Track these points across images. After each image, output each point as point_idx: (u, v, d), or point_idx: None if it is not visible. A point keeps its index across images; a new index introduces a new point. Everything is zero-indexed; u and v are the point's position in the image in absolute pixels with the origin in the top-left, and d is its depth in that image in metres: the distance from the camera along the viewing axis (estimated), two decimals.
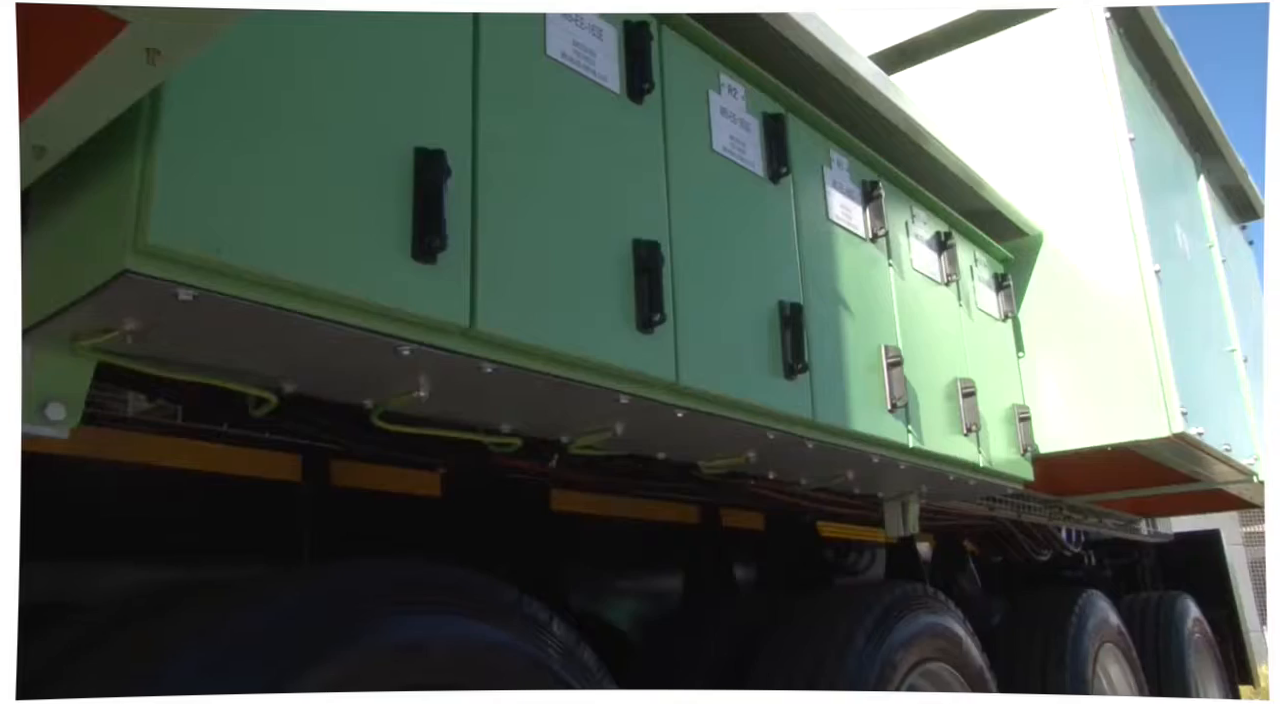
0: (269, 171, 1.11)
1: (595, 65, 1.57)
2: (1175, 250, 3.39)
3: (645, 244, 1.55)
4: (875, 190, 2.29)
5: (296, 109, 1.15)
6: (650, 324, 1.51)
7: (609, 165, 1.56)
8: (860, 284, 2.17)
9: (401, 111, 1.25)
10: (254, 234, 1.09)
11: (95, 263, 1.05)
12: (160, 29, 0.84)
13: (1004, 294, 2.96)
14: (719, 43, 1.87)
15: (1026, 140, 3.24)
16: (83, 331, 1.14)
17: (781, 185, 1.96)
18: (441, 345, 1.26)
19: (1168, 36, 3.55)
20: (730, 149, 1.84)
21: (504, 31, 1.43)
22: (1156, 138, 3.57)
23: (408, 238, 1.21)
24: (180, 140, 1.04)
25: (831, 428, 1.97)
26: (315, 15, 1.18)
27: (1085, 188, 3.11)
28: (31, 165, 1.04)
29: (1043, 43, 3.28)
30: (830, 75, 2.17)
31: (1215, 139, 4.18)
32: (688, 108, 1.77)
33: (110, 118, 0.98)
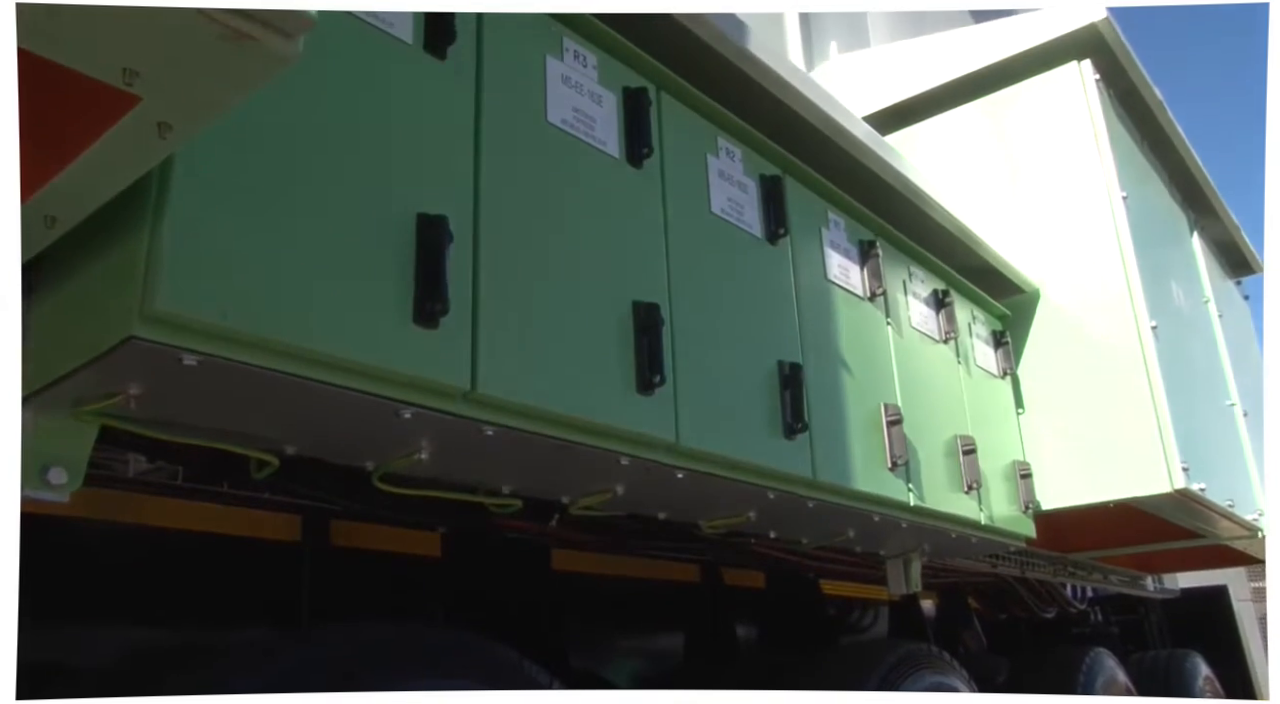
0: (273, 237, 1.13)
1: (595, 131, 1.60)
2: (1171, 306, 3.41)
3: (645, 306, 1.56)
4: (872, 250, 2.31)
5: (301, 176, 1.17)
6: (650, 386, 1.52)
7: (609, 228, 1.59)
8: (859, 343, 2.19)
9: (404, 178, 1.28)
10: (258, 299, 1.10)
11: (101, 328, 1.06)
12: (172, 103, 0.86)
13: (1002, 351, 2.98)
14: (717, 107, 1.90)
15: (1022, 199, 3.28)
16: (86, 396, 1.15)
17: (779, 246, 1.99)
18: (443, 409, 1.27)
19: (1156, 96, 3.61)
20: (728, 211, 1.86)
21: (505, 98, 1.46)
22: (1149, 195, 3.61)
23: (410, 302, 1.22)
24: (187, 208, 1.06)
25: (832, 487, 1.97)
26: (319, 83, 1.21)
27: (1081, 245, 3.15)
28: (42, 234, 1.06)
29: (1034, 104, 3.34)
30: (826, 137, 2.20)
31: (1207, 195, 4.23)
32: (686, 171, 1.80)
33: (120, 189, 0.99)
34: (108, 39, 0.78)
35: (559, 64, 1.57)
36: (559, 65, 1.57)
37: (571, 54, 1.61)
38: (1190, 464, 2.88)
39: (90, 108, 0.88)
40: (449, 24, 1.38)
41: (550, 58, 1.57)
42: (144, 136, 0.89)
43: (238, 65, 0.80)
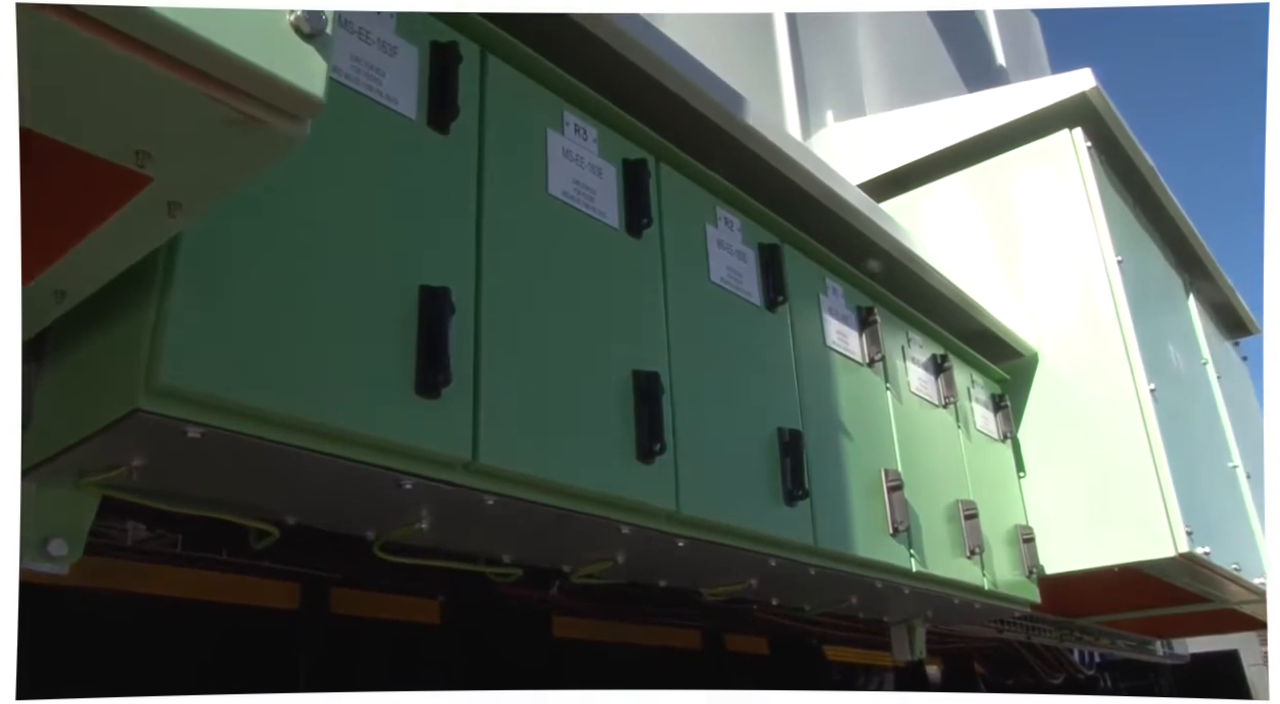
0: (276, 310, 1.14)
1: (595, 202, 1.62)
2: (1170, 369, 3.43)
3: (645, 374, 1.57)
4: (871, 316, 2.33)
5: (304, 249, 1.18)
6: (650, 454, 1.53)
7: (609, 298, 1.61)
8: (858, 409, 2.20)
9: (407, 250, 1.30)
10: (261, 371, 1.11)
11: (106, 401, 1.07)
12: (182, 183, 0.88)
13: (1002, 415, 2.98)
14: (715, 177, 1.94)
15: (1018, 264, 3.32)
16: (89, 468, 1.15)
17: (778, 313, 2.01)
18: (444, 479, 1.28)
19: (1147, 162, 3.67)
20: (728, 279, 1.89)
21: (507, 171, 1.49)
22: (1144, 259, 3.65)
23: (412, 373, 1.23)
24: (193, 282, 1.08)
25: (833, 553, 1.96)
26: (324, 159, 1.23)
27: (1078, 309, 3.17)
28: (51, 308, 1.07)
29: (1028, 170, 3.40)
30: (823, 205, 2.24)
31: (1201, 258, 4.27)
32: (686, 241, 1.82)
33: (128, 264, 1.01)
34: (121, 122, 0.80)
35: (560, 137, 1.61)
36: (560, 138, 1.61)
37: (572, 127, 1.64)
38: (1194, 528, 2.87)
39: (103, 187, 0.90)
40: (452, 99, 1.41)
41: (551, 131, 1.60)
42: (154, 215, 0.91)
43: (247, 147, 0.82)
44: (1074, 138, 3.35)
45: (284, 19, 0.78)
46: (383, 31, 1.38)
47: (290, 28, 0.78)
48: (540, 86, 1.62)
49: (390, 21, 1.40)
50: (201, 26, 0.72)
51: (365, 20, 1.37)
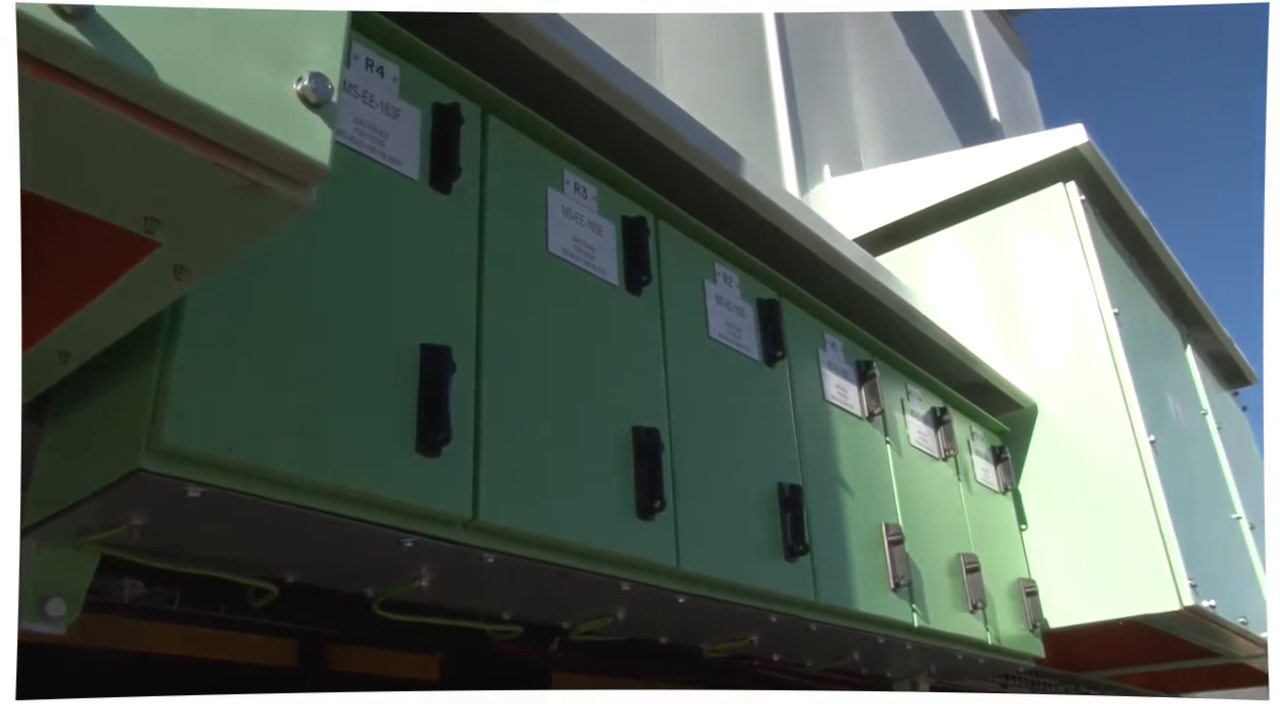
0: (280, 370, 1.15)
1: (595, 259, 1.64)
2: (1169, 420, 3.43)
3: (645, 430, 1.58)
4: (870, 370, 2.34)
5: (307, 309, 1.20)
6: (650, 511, 1.53)
7: (609, 355, 1.62)
8: (858, 463, 2.20)
9: (409, 309, 1.31)
10: (262, 430, 1.11)
11: (108, 460, 1.07)
12: (189, 248, 0.89)
13: (1002, 467, 2.98)
14: (713, 234, 1.96)
15: (1015, 316, 3.34)
16: (89, 527, 1.16)
17: (777, 369, 2.02)
18: (444, 537, 1.27)
19: (1141, 215, 3.71)
20: (726, 335, 1.90)
21: (508, 229, 1.51)
22: (1141, 310, 3.67)
23: (413, 432, 1.24)
24: (197, 343, 1.09)
25: (835, 609, 1.95)
26: (328, 220, 1.25)
27: (1075, 361, 3.18)
28: (56, 369, 1.08)
29: (1023, 224, 3.43)
30: (821, 261, 2.26)
31: (1198, 309, 4.30)
32: (684, 297, 1.84)
33: (132, 327, 1.02)
34: (132, 189, 0.81)
35: (560, 196, 1.63)
36: (560, 197, 1.63)
37: (572, 186, 1.67)
38: (1198, 580, 2.85)
39: (111, 251, 0.91)
40: (454, 160, 1.44)
41: (551, 190, 1.62)
42: (160, 278, 0.92)
43: (253, 213, 0.84)
44: (1068, 191, 3.39)
45: (291, 88, 0.80)
46: (386, 95, 1.41)
47: (297, 97, 0.80)
48: (541, 146, 1.64)
49: (393, 85, 1.43)
50: (212, 97, 0.74)
51: (369, 83, 1.40)
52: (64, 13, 0.66)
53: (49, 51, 0.67)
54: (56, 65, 0.68)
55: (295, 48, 0.82)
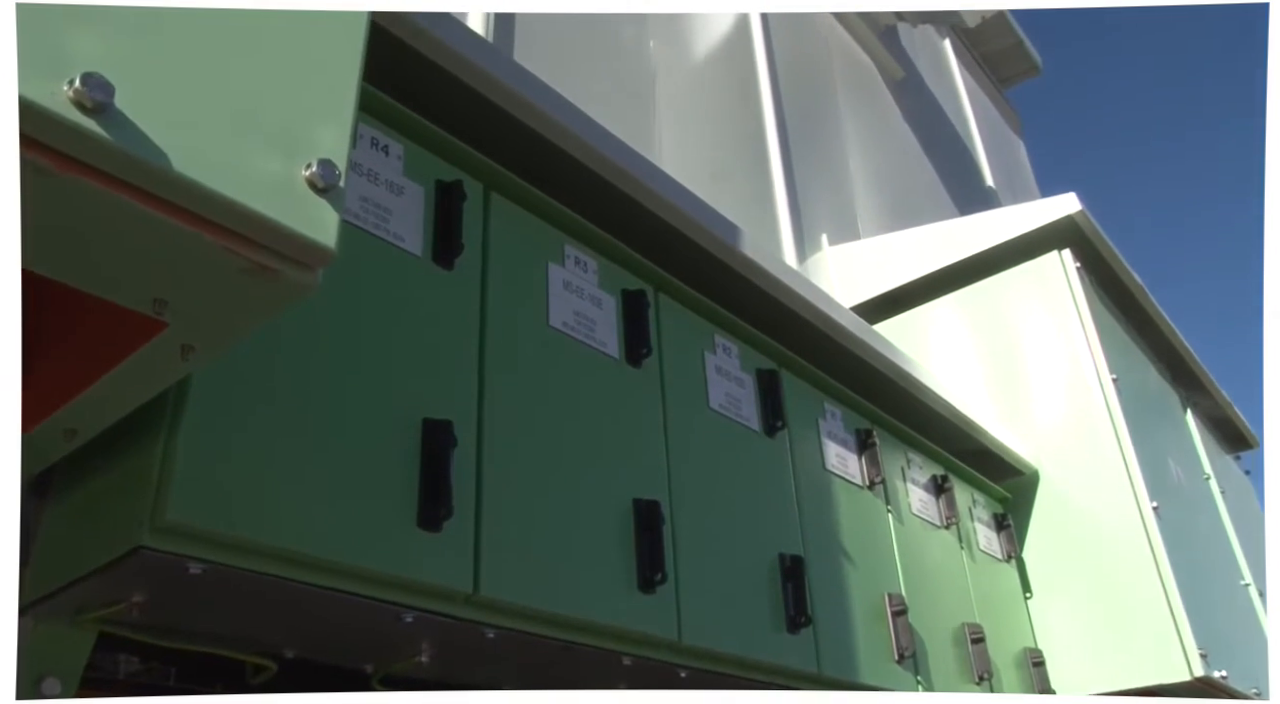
0: (282, 445, 1.16)
1: (595, 332, 1.66)
2: (1172, 485, 3.42)
3: (645, 503, 1.58)
4: (870, 438, 2.35)
5: (311, 385, 1.21)
6: (651, 584, 1.52)
7: (610, 428, 1.63)
8: (860, 532, 2.19)
9: (411, 384, 1.32)
10: (265, 507, 1.12)
11: (109, 538, 1.07)
12: (197, 328, 0.91)
13: (1005, 534, 2.96)
14: (713, 306, 1.98)
15: (1014, 383, 3.35)
16: (88, 604, 1.15)
17: (777, 439, 2.02)
18: (445, 612, 1.27)
19: (1136, 281, 3.74)
20: (726, 406, 1.91)
21: (509, 304, 1.53)
22: (1139, 375, 3.68)
23: (414, 507, 1.24)
24: (200, 419, 1.10)
25: (838, 681, 1.93)
26: (333, 297, 1.27)
27: (1075, 427, 3.18)
28: (60, 447, 1.09)
29: (1020, 291, 3.46)
30: (819, 330, 2.28)
31: (1196, 373, 4.31)
32: (685, 368, 1.85)
33: (137, 405, 1.03)
34: (142, 272, 0.83)
35: (561, 270, 1.66)
36: (560, 271, 1.66)
37: (573, 260, 1.69)
38: (1209, 650, 2.81)
39: (120, 331, 0.93)
40: (456, 236, 1.46)
41: (552, 264, 1.65)
42: (168, 358, 0.93)
43: (260, 295, 0.85)
44: (1063, 259, 3.42)
45: (300, 175, 0.82)
46: (390, 173, 1.44)
47: (306, 183, 0.82)
48: (542, 221, 1.67)
49: (398, 163, 1.46)
50: (224, 185, 0.76)
51: (374, 162, 1.43)
52: (84, 107, 0.68)
53: (70, 144, 0.69)
54: (76, 157, 0.70)
55: (304, 135, 0.84)
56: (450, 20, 1.58)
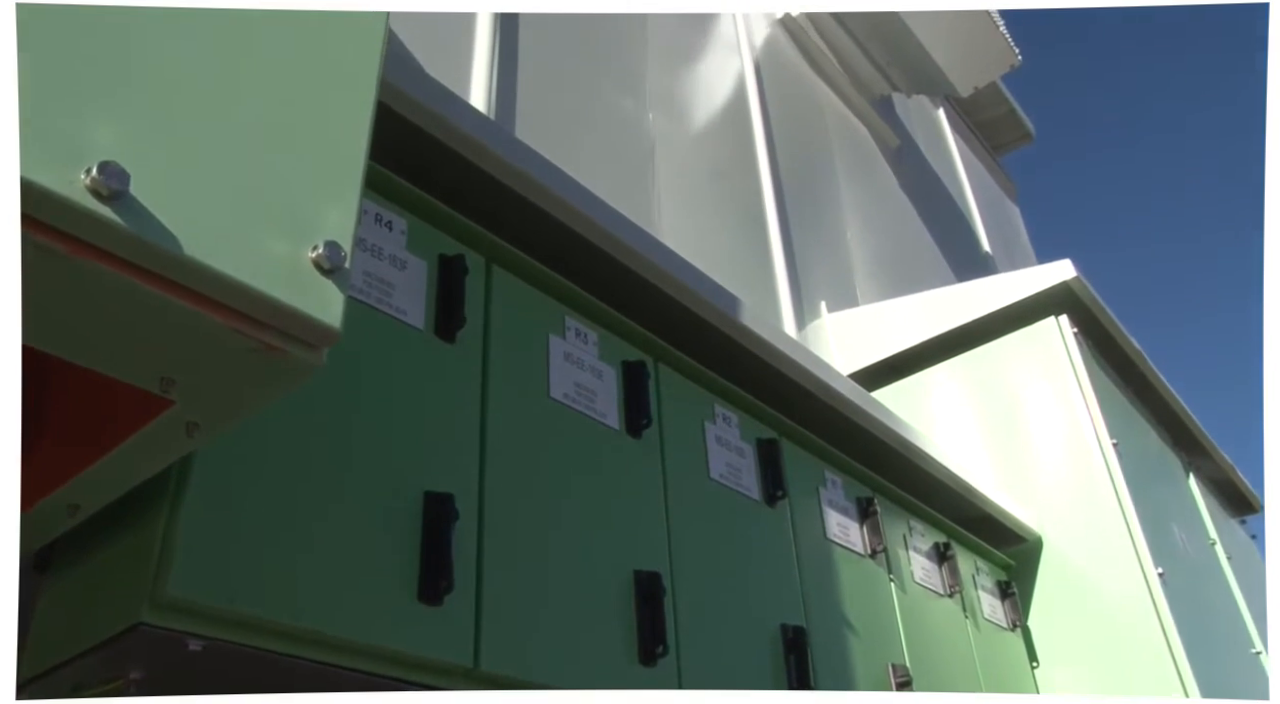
0: (283, 519, 1.16)
1: (596, 404, 1.67)
2: (1177, 551, 3.39)
3: (646, 575, 1.58)
4: (871, 507, 2.34)
5: (312, 460, 1.22)
6: (653, 656, 1.51)
7: (610, 499, 1.63)
8: (862, 602, 2.17)
9: (412, 457, 1.33)
10: (264, 581, 1.12)
11: (108, 614, 1.07)
12: (203, 406, 0.92)
13: (1009, 603, 2.94)
14: (712, 376, 2.00)
15: (1014, 449, 3.34)
16: (84, 682, 1.15)
17: (778, 508, 2.02)
18: (445, 686, 1.26)
19: (1134, 346, 3.76)
20: (727, 476, 1.91)
21: (510, 376, 1.54)
22: (1140, 440, 3.68)
23: (415, 582, 1.24)
24: (203, 494, 1.10)
25: None
26: (335, 371, 1.28)
27: (1077, 493, 3.17)
28: (62, 522, 1.10)
29: (1018, 357, 3.48)
30: (819, 399, 2.29)
31: (1197, 437, 4.30)
32: (685, 439, 1.86)
33: (140, 481, 1.04)
34: (151, 352, 0.84)
35: (561, 342, 1.67)
36: (561, 343, 1.67)
37: (573, 332, 1.71)
38: None
39: (126, 409, 0.94)
40: (459, 310, 1.48)
41: (553, 336, 1.67)
42: (173, 435, 0.95)
43: (266, 374, 0.87)
44: (1060, 324, 3.44)
45: (306, 256, 0.84)
46: (394, 247, 1.47)
47: (312, 264, 0.84)
48: (543, 293, 1.70)
49: (401, 238, 1.49)
50: (233, 268, 0.78)
51: (377, 237, 1.46)
52: (100, 195, 0.70)
53: (85, 230, 0.71)
54: (91, 242, 0.72)
55: (311, 217, 0.86)
56: (453, 98, 1.63)
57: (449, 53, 2.84)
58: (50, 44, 0.74)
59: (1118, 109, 21.16)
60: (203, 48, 0.86)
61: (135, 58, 0.79)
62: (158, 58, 0.81)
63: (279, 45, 0.92)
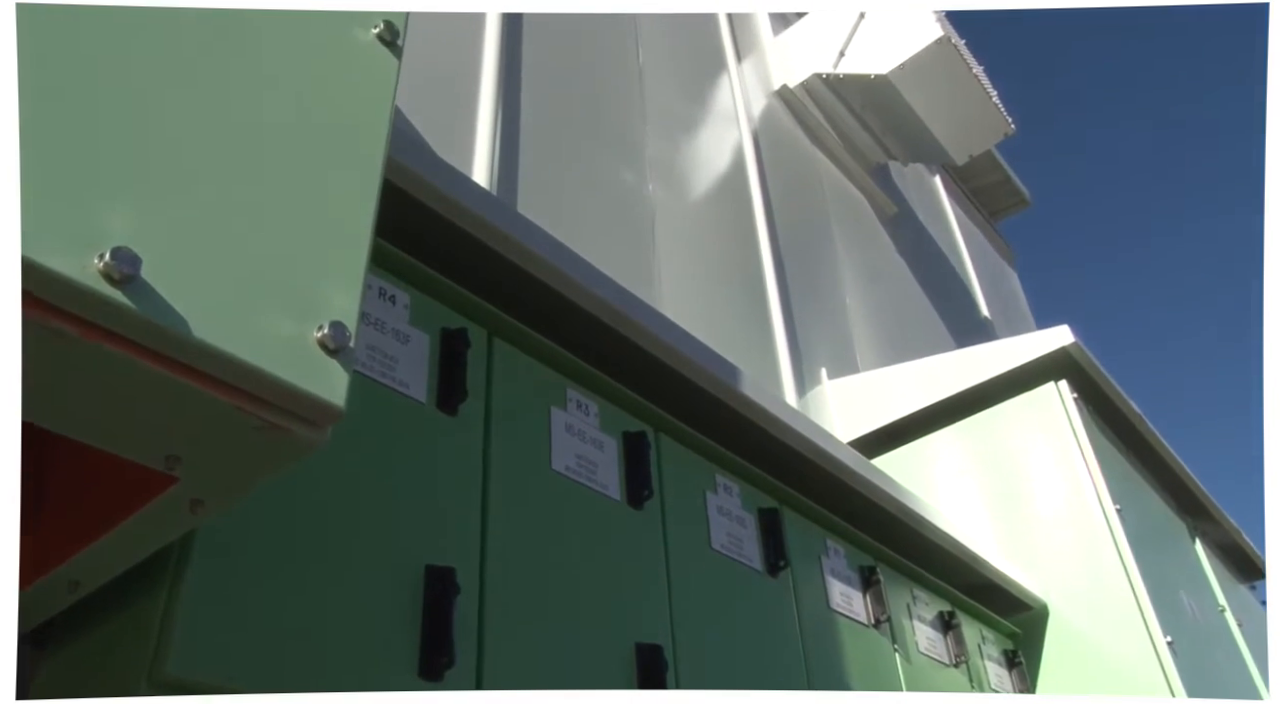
0: (283, 596, 1.16)
1: (597, 475, 1.68)
2: (1186, 618, 3.35)
3: (648, 647, 1.56)
4: (873, 575, 2.33)
5: (313, 536, 1.22)
6: None
7: (612, 571, 1.62)
8: (867, 673, 2.15)
9: (414, 531, 1.33)
10: (264, 658, 1.11)
11: (106, 692, 1.07)
12: (206, 483, 0.93)
13: (1017, 672, 2.90)
14: (713, 445, 2.00)
15: (1017, 515, 3.33)
16: None
17: (780, 578, 2.01)
18: None
19: (1134, 410, 3.76)
20: (728, 546, 1.91)
21: (512, 449, 1.55)
22: (1144, 505, 3.66)
23: (415, 654, 1.23)
24: (204, 571, 1.10)
25: None
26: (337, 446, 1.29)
27: (1081, 559, 3.15)
28: (63, 599, 1.09)
29: (1019, 422, 3.48)
30: (820, 468, 2.29)
31: (1202, 501, 4.28)
32: (686, 509, 1.86)
33: (141, 558, 1.04)
34: (156, 430, 0.86)
35: (563, 414, 1.68)
36: (563, 415, 1.68)
37: (575, 404, 1.72)
38: None
39: (130, 486, 0.95)
40: (461, 383, 1.50)
41: (554, 408, 1.68)
42: (176, 512, 0.95)
43: (270, 451, 0.88)
44: (1060, 390, 3.45)
45: (312, 336, 0.86)
46: (397, 321, 1.49)
47: (317, 344, 0.86)
48: (544, 366, 1.71)
49: (404, 312, 1.51)
50: (240, 348, 0.79)
51: (381, 311, 1.48)
52: (112, 279, 0.72)
53: (96, 314, 0.72)
54: (101, 325, 0.73)
55: (317, 297, 0.88)
56: (455, 173, 1.66)
57: (451, 126, 2.90)
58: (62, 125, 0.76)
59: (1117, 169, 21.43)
60: (213, 129, 0.88)
61: (146, 139, 0.81)
62: (168, 140, 0.83)
63: (287, 126, 0.95)
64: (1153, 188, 20.95)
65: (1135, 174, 20.85)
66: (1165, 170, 19.89)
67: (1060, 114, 21.91)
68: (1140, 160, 20.67)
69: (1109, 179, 21.51)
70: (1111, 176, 21.38)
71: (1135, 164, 20.60)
